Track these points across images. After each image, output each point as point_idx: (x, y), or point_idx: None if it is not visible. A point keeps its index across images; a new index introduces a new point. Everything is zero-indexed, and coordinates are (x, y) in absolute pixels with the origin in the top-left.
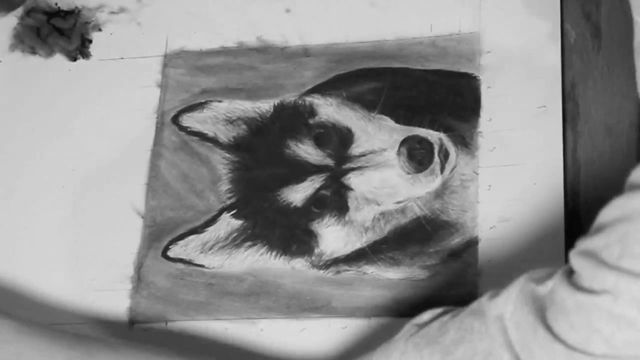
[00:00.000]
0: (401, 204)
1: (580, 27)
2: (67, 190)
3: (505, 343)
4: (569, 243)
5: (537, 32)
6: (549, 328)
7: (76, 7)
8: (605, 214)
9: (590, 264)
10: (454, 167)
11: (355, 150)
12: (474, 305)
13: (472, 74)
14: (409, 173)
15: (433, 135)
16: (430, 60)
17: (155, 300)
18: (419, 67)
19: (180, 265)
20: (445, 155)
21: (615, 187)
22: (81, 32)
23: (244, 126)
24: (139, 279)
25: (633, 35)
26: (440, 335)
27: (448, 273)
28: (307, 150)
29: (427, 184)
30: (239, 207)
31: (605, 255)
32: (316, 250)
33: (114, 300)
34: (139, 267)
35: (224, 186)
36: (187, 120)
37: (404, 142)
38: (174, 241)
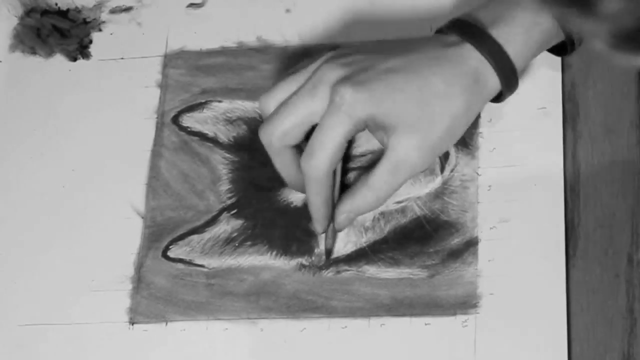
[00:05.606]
0: (401, 204)
1: None
2: (67, 190)
3: None
4: (569, 244)
5: None
6: None
7: (76, 7)
8: None
9: None
10: (454, 167)
11: (355, 150)
12: None
13: None
14: None
15: None
16: None
17: (155, 300)
18: None
19: (181, 266)
20: (445, 156)
21: (615, 187)
22: (81, 32)
23: (244, 126)
24: (139, 279)
25: None
26: None
27: (448, 273)
28: None
29: (427, 184)
30: (239, 207)
31: None
32: (316, 250)
33: (114, 300)
34: (139, 267)
35: (224, 186)
36: (187, 120)
37: None
38: (174, 241)
